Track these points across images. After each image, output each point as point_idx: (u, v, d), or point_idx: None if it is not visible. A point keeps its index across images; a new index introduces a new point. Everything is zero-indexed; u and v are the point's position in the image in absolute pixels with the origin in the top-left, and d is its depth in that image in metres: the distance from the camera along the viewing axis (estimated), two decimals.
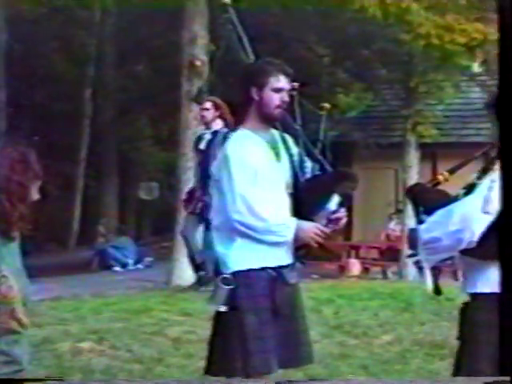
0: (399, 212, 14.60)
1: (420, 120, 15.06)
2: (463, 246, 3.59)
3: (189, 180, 12.20)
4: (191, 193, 8.88)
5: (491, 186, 3.54)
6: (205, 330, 5.38)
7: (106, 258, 15.84)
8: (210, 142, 8.59)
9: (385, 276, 14.27)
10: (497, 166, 3.57)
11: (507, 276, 3.49)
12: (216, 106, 8.66)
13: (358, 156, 15.71)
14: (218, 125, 8.61)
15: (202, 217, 8.75)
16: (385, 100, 16.59)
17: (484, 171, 3.66)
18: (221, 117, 8.63)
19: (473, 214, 3.55)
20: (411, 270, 12.46)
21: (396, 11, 12.96)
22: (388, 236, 15.16)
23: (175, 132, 12.91)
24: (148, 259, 15.82)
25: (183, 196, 9.18)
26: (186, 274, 11.78)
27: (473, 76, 15.58)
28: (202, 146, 8.63)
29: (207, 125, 8.69)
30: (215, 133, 8.60)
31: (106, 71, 21.29)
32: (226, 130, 8.60)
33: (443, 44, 13.06)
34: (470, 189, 3.65)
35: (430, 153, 15.32)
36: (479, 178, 3.64)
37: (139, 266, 15.52)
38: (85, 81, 22.01)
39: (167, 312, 7.65)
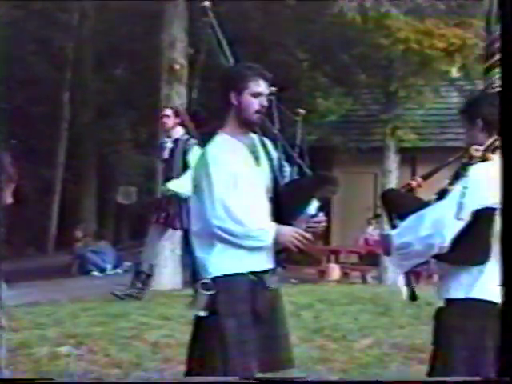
0: (378, 216, 14.64)
1: (399, 124, 15.11)
2: (435, 251, 3.61)
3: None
4: (159, 201, 8.79)
5: (464, 192, 3.55)
6: (183, 334, 5.36)
7: (85, 262, 15.75)
8: (172, 151, 8.60)
9: (364, 280, 14.29)
10: (469, 172, 3.59)
11: (507, 276, 3.50)
12: (176, 113, 8.68)
13: (338, 160, 15.75)
14: (178, 132, 8.62)
15: (166, 226, 8.73)
16: (364, 104, 16.63)
17: (456, 177, 3.67)
18: (181, 124, 8.64)
19: (444, 219, 3.56)
20: (390, 275, 12.51)
21: (375, 16, 13.00)
22: (367, 240, 15.19)
23: (154, 136, 12.86)
24: (127, 264, 15.76)
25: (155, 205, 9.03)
26: (164, 278, 11.75)
27: (452, 81, 15.64)
28: (166, 155, 8.64)
29: (167, 132, 8.67)
30: (176, 141, 8.61)
31: (85, 74, 21.20)
32: (186, 137, 8.62)
33: (422, 49, 13.12)
34: (441, 194, 3.67)
35: (409, 157, 15.37)
36: (451, 183, 3.66)
37: (118, 270, 15.44)
38: (63, 84, 21.91)
39: (146, 316, 7.62)
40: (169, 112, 8.70)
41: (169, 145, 8.64)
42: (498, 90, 8.00)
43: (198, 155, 4.03)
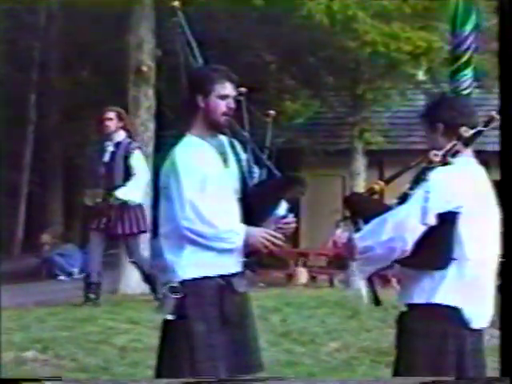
0: (346, 219, 14.61)
1: (367, 127, 15.16)
2: (396, 255, 3.60)
3: None
4: (99, 208, 8.62)
5: (427, 196, 3.55)
6: (152, 338, 5.34)
7: (52, 266, 15.61)
8: (113, 154, 8.48)
9: (332, 284, 14.30)
10: (429, 176, 3.59)
11: (506, 276, 3.50)
12: (119, 117, 8.56)
13: (306, 163, 15.75)
14: (120, 136, 8.51)
15: (108, 233, 8.57)
16: (332, 107, 16.65)
17: (416, 181, 3.67)
18: (124, 128, 8.53)
19: (405, 223, 3.55)
20: (358, 278, 12.50)
21: (342, 18, 13.03)
22: (335, 243, 15.19)
23: None
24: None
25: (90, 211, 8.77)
26: (133, 282, 11.67)
27: (418, 84, 15.72)
28: (106, 158, 8.50)
29: (109, 135, 8.52)
30: (118, 144, 8.50)
31: (51, 76, 21.03)
32: (128, 140, 8.54)
33: (389, 52, 13.16)
34: (402, 198, 3.65)
35: (376, 160, 15.41)
36: (411, 188, 3.64)
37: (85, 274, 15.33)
38: (29, 85, 21.72)
39: (113, 320, 7.58)
40: (111, 115, 8.55)
41: (110, 148, 8.51)
42: (464, 92, 8.12)
43: (165, 157, 3.99)
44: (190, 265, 3.88)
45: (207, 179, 3.90)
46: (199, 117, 4.00)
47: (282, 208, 4.07)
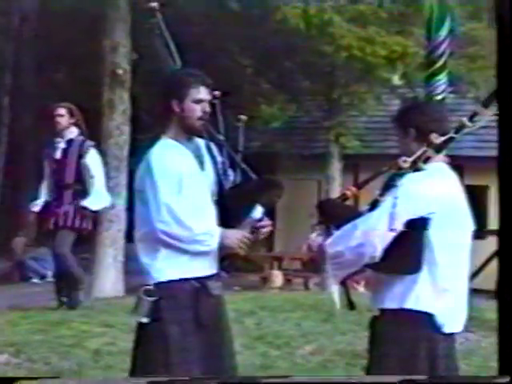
0: (321, 223, 14.63)
1: (343, 131, 15.20)
2: (366, 260, 3.60)
3: (111, 190, 12.05)
4: (46, 206, 8.40)
5: (395, 202, 3.55)
6: (126, 341, 5.32)
7: (25, 269, 15.52)
8: (65, 151, 8.31)
9: (306, 287, 14.31)
10: (400, 182, 3.59)
11: (505, 277, 3.50)
12: (71, 113, 8.36)
13: (282, 167, 15.75)
14: (72, 133, 8.31)
15: (57, 230, 8.34)
16: (308, 111, 16.67)
17: (386, 187, 3.68)
18: (76, 124, 8.36)
19: (374, 228, 3.56)
20: (330, 283, 12.50)
21: (318, 23, 13.07)
22: (310, 247, 15.21)
23: (96, 141, 12.74)
24: None
25: (34, 209, 8.48)
26: (106, 285, 11.64)
27: (393, 88, 15.78)
28: (58, 155, 8.33)
29: (61, 132, 8.30)
30: (70, 141, 8.33)
31: (25, 79, 20.89)
32: (81, 138, 8.40)
33: (365, 56, 13.20)
34: (373, 204, 3.66)
35: (352, 164, 15.45)
36: (381, 194, 3.66)
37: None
38: (3, 88, 21.57)
39: (87, 324, 7.54)
40: (63, 111, 8.33)
41: (61, 145, 8.31)
42: (439, 97, 8.16)
43: (142, 161, 3.97)
44: (165, 267, 3.88)
45: (183, 182, 3.90)
46: (174, 121, 4.00)
47: (258, 211, 4.07)
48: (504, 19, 3.49)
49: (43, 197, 8.47)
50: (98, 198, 8.40)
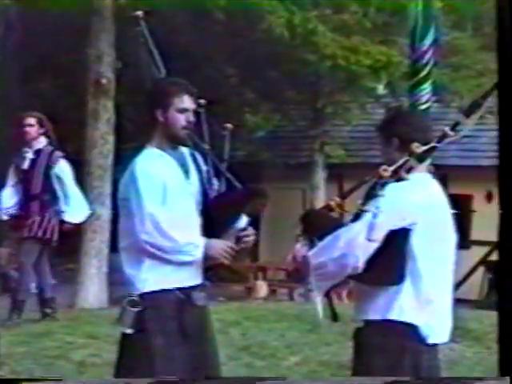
0: (305, 234, 14.59)
1: (327, 140, 15.25)
2: (348, 271, 3.58)
3: (95, 199, 12.04)
4: (19, 216, 8.21)
5: (375, 212, 3.53)
6: (110, 353, 5.27)
7: (8, 280, 15.41)
8: (33, 162, 8.21)
9: (291, 298, 14.29)
10: (382, 192, 3.57)
11: (505, 277, 3.49)
12: (41, 123, 8.24)
13: (267, 176, 15.75)
14: (41, 143, 8.19)
15: (36, 240, 8.23)
16: (293, 120, 16.70)
17: (367, 197, 3.66)
18: (45, 134, 8.25)
19: (356, 239, 3.54)
20: (314, 294, 12.48)
21: (303, 32, 13.10)
22: (295, 257, 15.11)
23: (81, 151, 12.71)
24: (52, 282, 15.46)
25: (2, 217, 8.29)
26: (90, 296, 11.60)
27: (378, 98, 15.83)
28: (25, 165, 8.23)
29: (30, 142, 8.15)
30: (38, 152, 8.22)
31: (9, 88, 20.82)
32: (51, 148, 8.29)
33: (349, 65, 13.25)
34: (356, 215, 3.65)
35: (336, 173, 15.47)
36: (363, 204, 3.64)
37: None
38: None
39: (71, 335, 7.49)
40: (32, 121, 8.19)
41: (29, 155, 8.21)
42: (423, 106, 8.18)
43: (125, 170, 3.96)
44: (149, 278, 3.87)
45: (167, 191, 3.89)
46: (159, 130, 3.99)
47: (243, 220, 4.06)
48: (504, 21, 3.49)
49: (9, 206, 8.33)
50: (77, 210, 8.33)
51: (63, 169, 8.25)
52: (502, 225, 3.53)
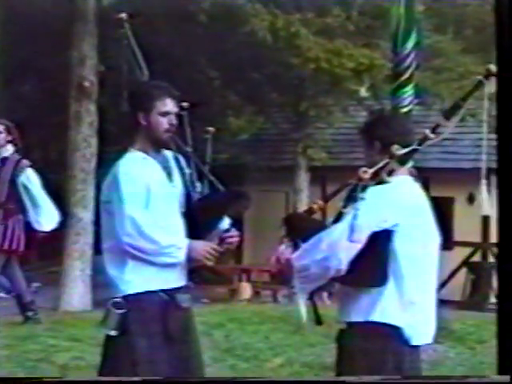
0: (288, 236, 14.57)
1: (310, 143, 15.24)
2: (331, 273, 3.59)
3: (78, 202, 12.02)
4: None
5: (355, 214, 3.54)
6: (94, 355, 5.26)
7: None
8: None
9: (275, 299, 14.29)
10: (361, 195, 3.58)
11: (505, 277, 3.51)
12: (8, 130, 8.11)
13: (250, 178, 15.74)
14: (7, 151, 8.08)
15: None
16: (276, 123, 16.70)
17: (348, 199, 3.66)
18: (12, 142, 8.16)
19: (339, 241, 3.54)
20: (298, 297, 12.48)
21: (286, 35, 13.12)
22: (278, 259, 15.10)
23: (64, 154, 12.69)
24: (35, 285, 15.40)
25: None
26: (74, 299, 11.57)
27: (360, 100, 15.86)
28: None
29: None
30: (4, 160, 8.12)
31: None
32: (17, 156, 8.19)
33: (332, 68, 13.26)
34: (338, 217, 3.65)
35: (319, 176, 15.48)
36: (345, 206, 3.65)
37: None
38: None
39: (54, 338, 7.47)
40: (0, 128, 8.08)
41: None
42: (405, 109, 8.22)
43: (109, 174, 3.96)
44: (132, 280, 3.88)
45: (150, 194, 3.90)
46: (141, 133, 4.00)
47: (226, 222, 4.07)
48: (503, 20, 3.50)
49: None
50: (47, 218, 8.27)
51: (30, 177, 8.15)
52: (501, 224, 3.54)
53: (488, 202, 3.62)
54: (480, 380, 3.77)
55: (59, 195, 14.18)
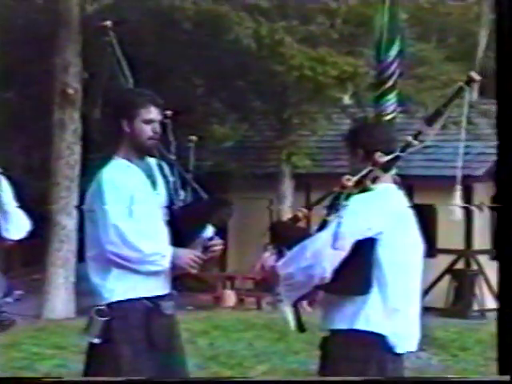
0: (273, 243, 14.55)
1: (294, 151, 15.23)
2: (316, 281, 3.58)
3: (62, 210, 11.97)
4: None
5: (339, 222, 3.53)
6: (77, 363, 5.24)
7: None
8: None
9: (259, 307, 14.27)
10: (345, 202, 3.57)
11: (505, 277, 3.51)
12: None
13: (234, 186, 15.73)
14: None
15: None
16: (260, 130, 16.70)
17: (331, 207, 3.66)
18: None
19: (323, 249, 3.54)
20: (283, 305, 12.46)
21: (270, 43, 13.13)
22: (263, 266, 15.06)
23: (47, 161, 12.64)
24: (18, 292, 15.32)
25: None
26: (57, 307, 11.50)
27: (344, 108, 15.90)
28: None
29: None
30: None
31: None
32: None
33: (316, 76, 13.27)
34: (322, 225, 3.64)
35: (303, 183, 15.48)
36: (329, 214, 3.63)
37: (8, 299, 15.02)
38: None
39: (38, 346, 7.45)
40: None
41: None
42: (388, 117, 8.24)
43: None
44: (116, 288, 3.86)
45: (134, 202, 3.87)
46: (125, 140, 3.97)
47: (209, 230, 4.05)
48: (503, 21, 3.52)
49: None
50: (16, 227, 8.22)
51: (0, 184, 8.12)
52: (499, 229, 3.55)
53: (460, 209, 3.61)
54: (480, 379, 3.75)
55: (43, 202, 14.19)
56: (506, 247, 3.59)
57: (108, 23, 4.48)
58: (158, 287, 3.93)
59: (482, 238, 14.91)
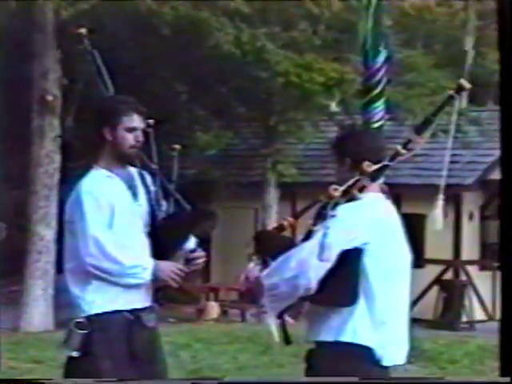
0: (258, 253, 14.48)
1: (280, 159, 15.21)
2: (301, 292, 3.53)
3: (41, 220, 11.82)
4: None
5: (326, 232, 3.47)
6: (56, 377, 5.08)
7: None
8: None
9: (243, 318, 14.18)
10: (332, 212, 3.51)
11: (506, 277, 3.42)
12: None
13: (218, 195, 15.66)
14: None
15: None
16: (244, 138, 16.67)
17: (317, 217, 3.61)
18: None
19: (308, 260, 3.48)
20: (268, 316, 12.39)
21: (251, 49, 13.09)
22: (247, 277, 14.96)
23: (26, 169, 12.52)
24: None
25: None
26: (35, 319, 11.39)
27: (331, 115, 15.83)
28: None
29: None
30: None
31: None
32: None
33: (302, 82, 13.28)
34: (307, 235, 3.60)
35: (289, 192, 15.43)
36: (315, 223, 3.59)
37: None
38: None
39: (15, 360, 7.36)
40: None
41: None
42: (376, 124, 8.14)
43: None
44: (96, 300, 3.82)
45: (115, 213, 3.83)
46: (107, 149, 3.93)
47: (191, 242, 4.00)
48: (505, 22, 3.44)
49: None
50: None
51: None
52: (502, 234, 3.48)
53: (441, 218, 3.59)
54: (481, 380, 3.71)
55: (21, 211, 14.01)
56: (509, 256, 3.58)
57: (83, 31, 4.44)
58: (139, 299, 3.88)
59: (470, 248, 14.88)
